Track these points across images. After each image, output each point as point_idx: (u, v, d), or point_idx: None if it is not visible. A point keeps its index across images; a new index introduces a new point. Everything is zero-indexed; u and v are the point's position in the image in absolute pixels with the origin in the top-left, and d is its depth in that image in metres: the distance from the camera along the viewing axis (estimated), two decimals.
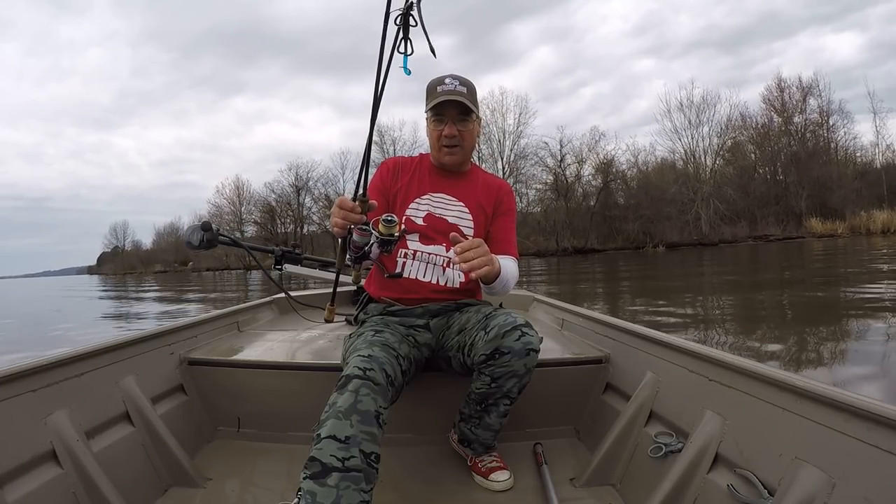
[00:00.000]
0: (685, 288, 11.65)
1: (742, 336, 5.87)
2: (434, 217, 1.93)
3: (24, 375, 1.46)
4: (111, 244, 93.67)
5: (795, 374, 1.25)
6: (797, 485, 1.10)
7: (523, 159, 46.43)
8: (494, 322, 1.62)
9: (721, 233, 38.53)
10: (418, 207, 1.94)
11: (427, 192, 1.96)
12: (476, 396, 1.71)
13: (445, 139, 1.89)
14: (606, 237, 42.41)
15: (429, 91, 1.89)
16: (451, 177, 2.01)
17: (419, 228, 1.91)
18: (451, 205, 1.97)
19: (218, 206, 60.75)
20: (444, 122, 1.88)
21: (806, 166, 40.00)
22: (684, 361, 1.62)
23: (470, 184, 2.01)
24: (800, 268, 15.61)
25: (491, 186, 2.03)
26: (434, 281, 1.89)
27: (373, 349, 1.53)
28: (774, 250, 26.02)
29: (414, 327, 1.83)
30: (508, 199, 2.04)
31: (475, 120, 1.93)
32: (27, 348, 8.14)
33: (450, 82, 1.85)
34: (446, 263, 1.90)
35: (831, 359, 4.73)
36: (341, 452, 1.27)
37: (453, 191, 1.98)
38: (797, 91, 42.95)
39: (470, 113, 1.88)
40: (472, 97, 1.88)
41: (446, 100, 1.83)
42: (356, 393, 1.36)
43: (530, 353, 1.59)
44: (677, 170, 44.07)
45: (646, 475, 1.58)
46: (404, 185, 1.97)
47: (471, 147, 1.97)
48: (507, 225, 2.02)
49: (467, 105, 1.84)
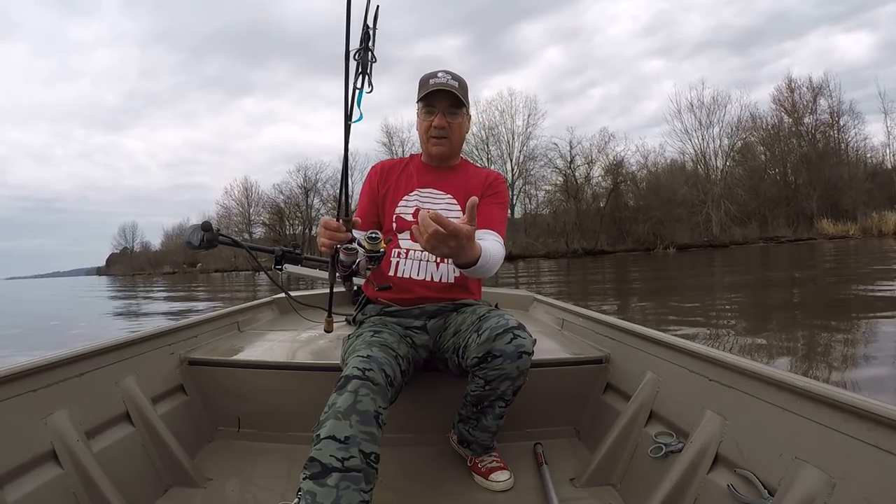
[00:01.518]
0: (702, 291, 11.39)
1: (767, 346, 5.62)
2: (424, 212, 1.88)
3: (25, 375, 1.47)
4: (120, 245, 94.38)
5: (795, 374, 1.24)
6: (797, 485, 1.10)
7: (532, 161, 46.37)
8: (486, 324, 1.61)
9: (731, 234, 38.32)
10: (407, 204, 1.94)
11: (415, 187, 1.96)
12: (472, 398, 1.70)
13: (434, 130, 1.88)
14: (616, 239, 42.21)
15: (421, 84, 1.89)
16: (439, 171, 2.00)
17: (410, 225, 1.87)
18: (439, 198, 1.96)
19: (226, 208, 61.16)
20: (434, 113, 1.88)
21: (817, 167, 39.70)
22: (684, 361, 1.61)
23: (458, 176, 2.00)
24: (811, 268, 15.53)
25: (481, 176, 2.01)
26: (428, 278, 1.87)
27: (372, 349, 1.53)
28: (787, 252, 25.82)
29: (412, 328, 1.83)
30: (498, 186, 2.01)
31: (465, 114, 1.94)
32: (50, 345, 8.22)
33: (442, 76, 1.86)
34: (439, 259, 1.88)
35: (854, 363, 4.66)
36: (341, 453, 1.27)
37: (441, 184, 1.97)
38: (807, 91, 42.71)
39: (461, 106, 1.89)
40: (464, 92, 1.89)
41: (438, 90, 1.84)
42: (355, 393, 1.36)
43: (522, 355, 1.57)
44: (687, 171, 43.89)
45: (646, 475, 1.57)
46: (393, 184, 1.98)
47: (459, 141, 1.98)
48: (495, 207, 1.95)
49: (458, 97, 1.85)
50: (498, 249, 1.77)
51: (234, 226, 57.73)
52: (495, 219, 1.91)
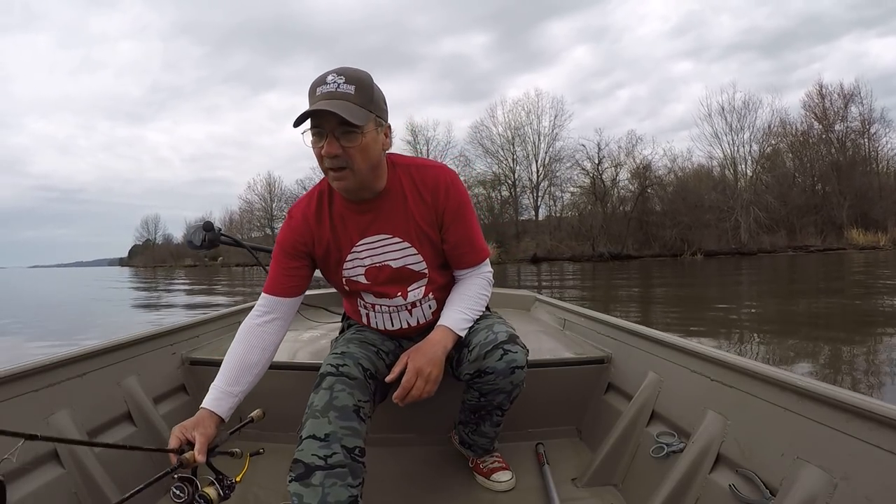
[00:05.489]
0: (737, 300, 11.05)
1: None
2: (375, 269, 1.56)
3: (27, 375, 1.48)
4: (143, 237, 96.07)
5: (797, 375, 1.24)
6: (799, 485, 1.10)
7: (558, 162, 46.37)
8: (476, 339, 1.51)
9: (760, 242, 37.66)
10: (353, 265, 1.57)
11: (354, 241, 1.54)
12: (468, 407, 1.68)
13: (326, 160, 1.36)
14: (643, 243, 41.73)
15: (309, 93, 1.37)
16: (370, 207, 1.51)
17: (365, 287, 1.60)
18: (387, 245, 1.54)
19: (249, 203, 62.10)
20: (323, 135, 1.34)
21: (847, 176, 38.96)
22: (686, 361, 1.61)
23: (396, 205, 1.51)
24: (838, 279, 15.14)
25: (423, 194, 1.52)
26: (404, 325, 1.65)
27: (349, 346, 1.52)
28: (817, 262, 25.23)
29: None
30: (452, 193, 1.53)
31: (373, 129, 1.38)
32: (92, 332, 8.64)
33: (332, 81, 1.34)
34: (411, 306, 1.62)
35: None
36: (323, 451, 1.27)
37: (382, 226, 1.52)
38: (838, 98, 41.85)
39: (357, 124, 1.32)
40: (365, 97, 1.35)
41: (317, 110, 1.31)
42: (331, 390, 1.36)
43: (515, 370, 1.48)
44: (715, 176, 43.29)
45: (647, 475, 1.57)
46: (325, 243, 1.55)
47: (367, 167, 1.39)
48: (464, 227, 1.56)
49: (350, 113, 1.30)
50: (477, 292, 1.61)
51: (256, 220, 58.50)
52: (473, 245, 1.60)
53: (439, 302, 1.63)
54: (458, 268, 1.62)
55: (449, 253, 1.58)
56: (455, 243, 1.56)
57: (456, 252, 1.58)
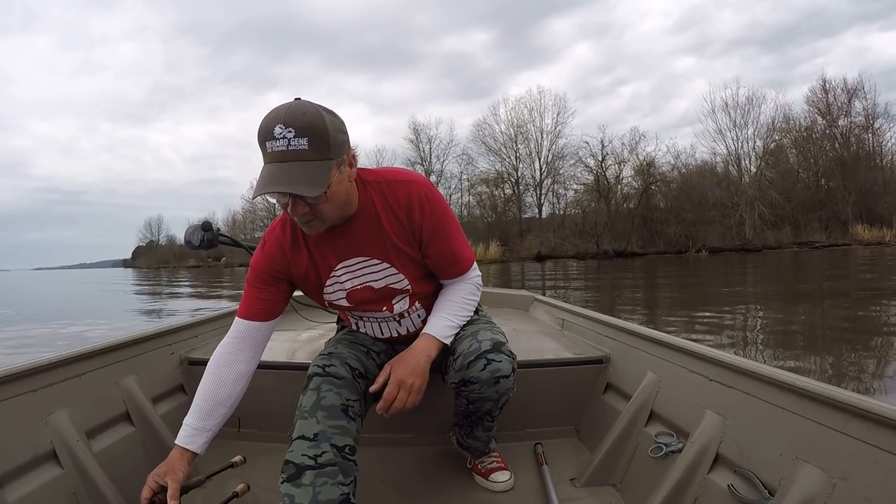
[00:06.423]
0: (748, 300, 10.76)
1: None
2: (357, 291, 1.52)
3: (25, 375, 1.48)
4: (146, 238, 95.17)
5: (796, 375, 1.24)
6: (798, 485, 1.10)
7: (561, 160, 46.20)
8: (460, 348, 1.48)
9: (765, 238, 37.57)
10: (334, 289, 1.53)
11: (332, 266, 1.48)
12: (460, 412, 1.67)
13: (298, 218, 1.30)
14: (647, 241, 41.61)
15: (259, 142, 1.22)
16: (344, 232, 1.43)
17: (349, 308, 1.57)
18: (366, 266, 1.48)
19: (252, 203, 61.74)
20: (286, 194, 1.24)
21: (851, 171, 38.75)
22: (685, 361, 1.60)
23: (370, 227, 1.44)
24: (844, 277, 15.09)
25: (397, 213, 1.43)
26: (394, 334, 1.64)
27: (336, 347, 1.53)
28: (822, 258, 25.02)
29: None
30: (427, 209, 1.43)
31: (336, 176, 1.25)
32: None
33: (280, 135, 1.18)
34: (399, 317, 1.59)
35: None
36: (312, 450, 1.28)
37: (359, 248, 1.46)
38: (842, 93, 41.41)
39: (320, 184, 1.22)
40: (321, 147, 1.20)
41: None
42: (318, 390, 1.37)
43: (500, 380, 1.44)
44: (719, 173, 43.13)
45: (646, 475, 1.56)
46: (303, 268, 1.50)
47: (337, 211, 1.34)
48: (443, 241, 1.49)
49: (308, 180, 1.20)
50: (463, 297, 1.57)
51: (259, 220, 58.47)
52: (446, 259, 1.53)
53: (428, 309, 1.60)
54: (443, 278, 1.59)
55: (431, 266, 1.54)
56: (436, 258, 1.51)
57: (438, 265, 1.54)
